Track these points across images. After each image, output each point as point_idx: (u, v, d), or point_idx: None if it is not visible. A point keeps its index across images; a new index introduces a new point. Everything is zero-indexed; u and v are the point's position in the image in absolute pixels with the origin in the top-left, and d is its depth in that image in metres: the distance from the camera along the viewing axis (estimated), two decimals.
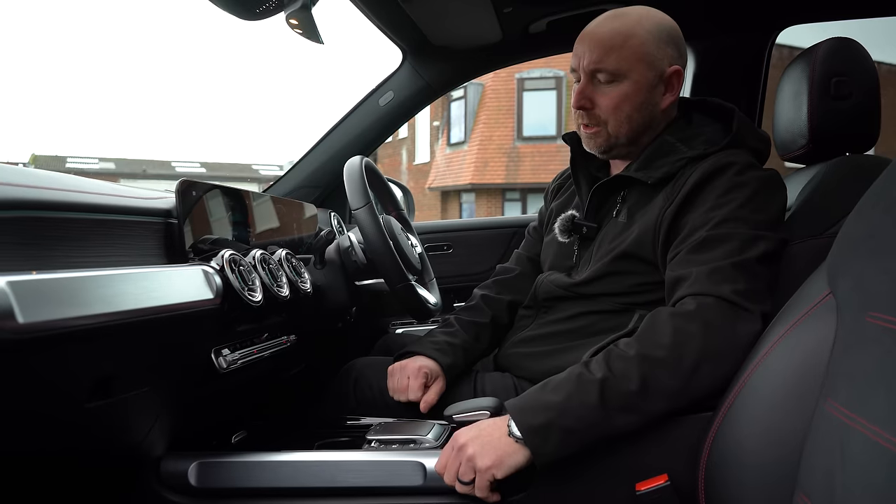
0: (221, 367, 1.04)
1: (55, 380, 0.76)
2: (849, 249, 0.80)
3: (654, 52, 1.19)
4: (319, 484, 1.04)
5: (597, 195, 1.29)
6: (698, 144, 1.21)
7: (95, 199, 0.89)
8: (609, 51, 1.18)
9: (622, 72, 1.18)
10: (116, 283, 0.79)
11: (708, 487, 0.92)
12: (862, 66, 1.26)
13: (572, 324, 1.28)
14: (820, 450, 0.73)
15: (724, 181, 1.11)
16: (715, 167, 1.13)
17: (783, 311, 0.92)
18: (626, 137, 1.23)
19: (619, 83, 1.19)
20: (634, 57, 1.18)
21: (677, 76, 1.22)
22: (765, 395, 0.87)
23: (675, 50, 1.22)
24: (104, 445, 0.96)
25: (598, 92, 1.21)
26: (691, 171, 1.15)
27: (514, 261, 1.56)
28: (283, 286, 1.17)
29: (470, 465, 0.97)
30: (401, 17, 1.60)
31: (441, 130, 18.14)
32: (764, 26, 1.72)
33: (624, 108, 1.20)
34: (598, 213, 1.30)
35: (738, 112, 1.23)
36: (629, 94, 1.19)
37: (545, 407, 0.97)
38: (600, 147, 1.26)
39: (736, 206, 1.09)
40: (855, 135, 1.27)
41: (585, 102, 1.22)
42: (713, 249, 1.06)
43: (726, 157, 1.14)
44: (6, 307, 0.62)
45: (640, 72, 1.19)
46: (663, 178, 1.19)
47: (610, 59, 1.18)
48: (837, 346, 0.77)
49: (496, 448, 0.97)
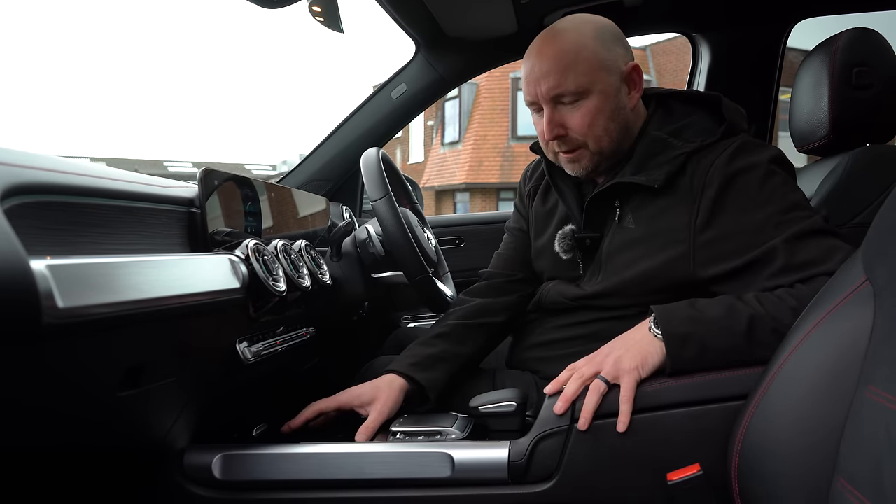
0: (246, 359, 1.03)
1: (92, 366, 0.75)
2: (886, 236, 0.80)
3: (608, 57, 1.15)
4: (346, 476, 1.03)
5: (592, 207, 1.22)
6: (692, 136, 1.16)
7: (123, 186, 0.87)
8: (564, 72, 1.13)
9: (585, 87, 1.13)
10: (148, 270, 0.78)
11: (741, 477, 0.92)
12: (883, 56, 1.26)
13: (584, 329, 1.24)
14: (862, 436, 0.73)
15: (755, 170, 1.09)
16: (734, 155, 1.10)
17: (817, 300, 0.92)
18: (609, 150, 1.18)
19: (585, 99, 1.14)
20: (592, 67, 1.13)
21: (636, 71, 1.18)
22: (800, 384, 0.87)
23: (622, 47, 1.18)
24: (130, 438, 0.95)
25: (566, 115, 1.16)
26: (707, 167, 1.11)
27: (500, 266, 1.46)
28: (304, 277, 1.16)
29: (616, 367, 1.01)
30: (418, 7, 1.59)
31: (435, 130, 18.16)
32: (779, 18, 1.72)
33: (599, 122, 1.15)
34: (594, 221, 1.23)
35: (724, 98, 1.19)
36: (599, 105, 1.14)
37: (692, 319, 1.02)
38: (586, 169, 1.20)
39: (780, 193, 1.07)
40: (876, 124, 1.27)
41: (558, 130, 1.16)
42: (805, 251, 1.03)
43: (737, 144, 1.11)
44: (47, 291, 0.61)
45: (602, 81, 1.14)
46: (667, 178, 1.13)
47: (569, 80, 1.13)
48: (876, 332, 0.76)
49: (641, 348, 1.02)
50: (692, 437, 0.98)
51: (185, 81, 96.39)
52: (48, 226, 0.73)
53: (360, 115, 1.92)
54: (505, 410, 1.08)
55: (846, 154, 1.28)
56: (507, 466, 1.01)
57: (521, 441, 1.02)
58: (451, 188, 17.20)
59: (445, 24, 1.72)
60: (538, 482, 1.00)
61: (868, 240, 0.84)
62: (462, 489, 1.01)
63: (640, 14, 1.70)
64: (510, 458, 1.01)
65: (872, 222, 0.83)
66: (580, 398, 1.01)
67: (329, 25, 1.28)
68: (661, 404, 0.99)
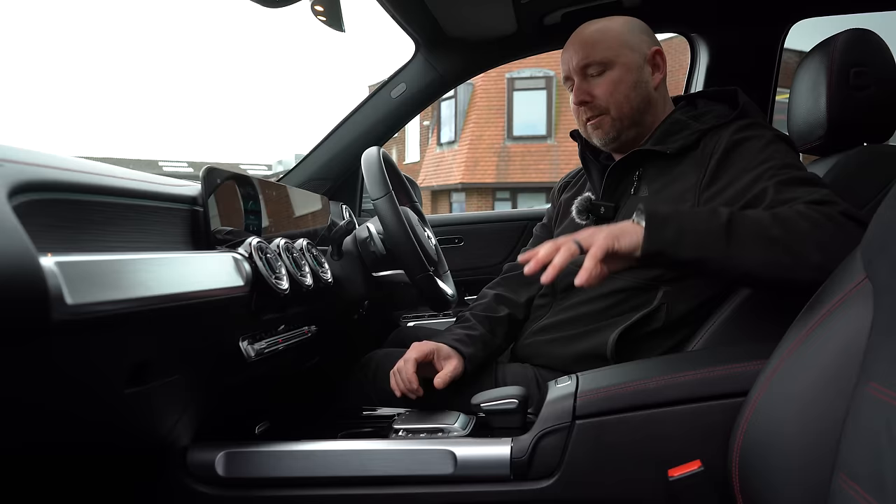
0: (249, 356, 1.04)
1: (99, 363, 0.75)
2: (886, 233, 0.80)
3: (632, 38, 1.30)
4: (349, 473, 1.03)
5: (612, 175, 1.32)
6: (709, 119, 1.27)
7: (128, 184, 0.88)
8: (593, 46, 1.30)
9: (609, 59, 1.28)
10: (154, 267, 0.78)
11: (742, 472, 0.92)
12: (880, 57, 1.27)
13: (593, 306, 1.28)
14: (863, 432, 0.74)
15: (759, 139, 1.19)
16: (742, 128, 1.20)
17: (816, 297, 0.92)
18: (629, 118, 1.30)
19: (609, 71, 1.29)
20: (616, 44, 1.29)
21: (660, 55, 1.33)
22: (800, 381, 0.87)
23: (649, 37, 1.33)
24: (135, 435, 0.95)
25: (592, 84, 1.30)
26: (717, 139, 1.21)
27: None
28: (306, 275, 1.17)
29: (591, 237, 1.01)
30: (418, 7, 1.59)
31: (431, 130, 18.14)
32: (777, 19, 1.73)
33: (620, 90, 1.29)
34: (614, 193, 1.33)
35: (741, 91, 1.31)
36: (622, 76, 1.29)
37: (675, 211, 1.05)
38: (608, 134, 1.32)
39: (782, 155, 1.15)
40: (873, 125, 1.28)
41: (585, 96, 1.30)
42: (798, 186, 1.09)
43: (749, 122, 1.23)
44: (56, 288, 0.61)
45: (625, 56, 1.29)
46: (681, 148, 1.24)
47: (596, 52, 1.29)
48: (876, 329, 0.77)
49: (620, 227, 1.03)
50: (693, 433, 0.99)
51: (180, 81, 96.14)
52: (55, 223, 0.73)
53: (359, 114, 1.93)
54: (507, 408, 1.09)
55: (844, 154, 1.29)
56: (509, 463, 1.01)
57: (523, 438, 1.03)
58: (447, 188, 17.19)
59: (445, 24, 1.72)
60: (540, 479, 1.01)
61: (867, 238, 0.84)
62: (464, 486, 1.02)
63: (638, 14, 1.70)
64: (512, 455, 1.02)
65: (871, 221, 0.84)
66: (579, 396, 1.02)
67: (331, 24, 1.28)
68: (662, 401, 1.00)
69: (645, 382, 1.01)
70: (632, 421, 1.00)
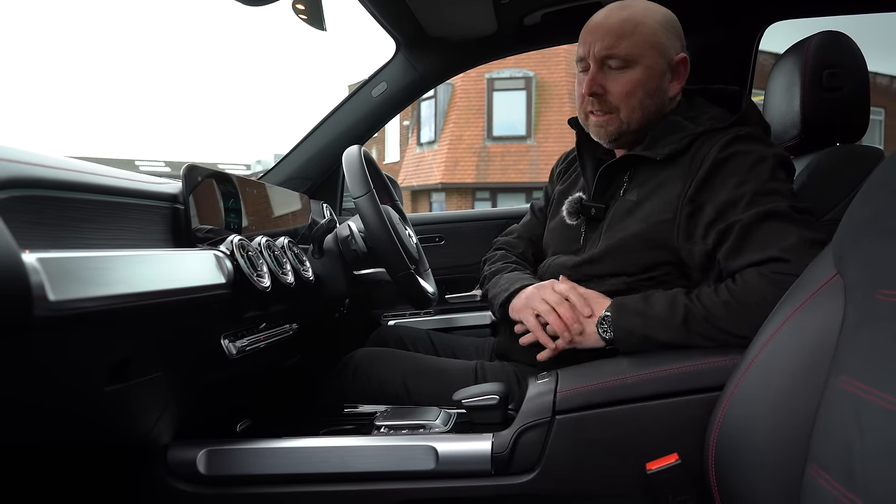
0: (230, 353, 1.04)
1: (80, 361, 0.75)
2: (856, 231, 0.82)
3: (663, 41, 1.22)
4: (331, 469, 1.04)
5: (603, 177, 1.29)
6: (705, 121, 1.22)
7: (109, 182, 0.87)
8: (621, 37, 1.20)
9: (634, 58, 1.20)
10: (137, 265, 0.78)
11: (718, 465, 0.94)
12: (852, 59, 1.30)
13: None
14: (834, 424, 0.75)
15: (745, 157, 1.13)
16: (733, 141, 1.15)
17: (789, 293, 0.94)
18: (637, 124, 1.24)
19: (630, 69, 1.21)
20: (646, 43, 1.20)
21: (684, 63, 1.25)
22: (773, 375, 0.89)
23: (679, 41, 1.26)
24: (116, 433, 0.95)
25: (609, 78, 1.22)
26: (708, 148, 1.16)
27: (515, 236, 1.57)
28: (287, 273, 1.17)
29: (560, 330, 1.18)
30: (399, 6, 1.60)
31: (411, 130, 18.12)
32: (752, 21, 1.76)
33: (637, 94, 1.22)
34: (604, 194, 1.30)
35: (746, 93, 1.25)
36: (642, 79, 1.21)
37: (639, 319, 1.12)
38: (611, 135, 1.26)
39: (765, 179, 1.11)
40: (846, 125, 1.31)
41: (598, 88, 1.23)
42: (770, 231, 1.07)
43: (743, 132, 1.16)
44: (38, 284, 0.61)
45: (651, 58, 1.21)
46: (671, 154, 1.19)
47: (622, 46, 1.20)
48: (847, 324, 0.79)
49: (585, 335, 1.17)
50: (671, 427, 1.00)
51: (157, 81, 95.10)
52: (35, 220, 0.73)
53: (339, 113, 1.92)
54: (488, 403, 1.10)
55: (817, 153, 1.32)
56: (490, 458, 1.03)
57: (503, 433, 1.04)
58: (426, 188, 17.18)
59: (426, 24, 1.73)
60: (521, 473, 1.02)
61: (838, 235, 0.86)
62: (446, 481, 1.03)
63: None
64: (493, 450, 1.03)
65: (842, 218, 0.86)
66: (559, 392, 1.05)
67: (312, 23, 1.28)
68: (640, 396, 1.02)
69: (623, 378, 1.03)
70: (610, 416, 1.01)
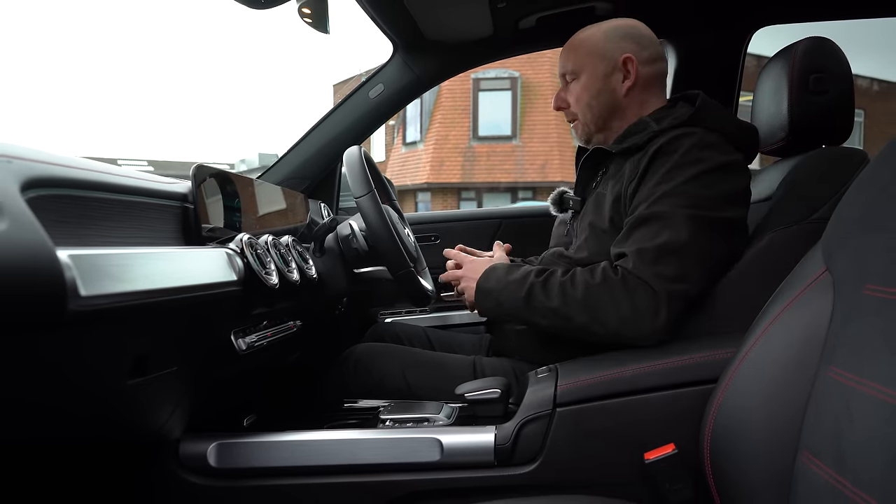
0: (240, 349, 1.06)
1: (106, 355, 0.77)
2: (845, 228, 0.86)
3: (605, 45, 1.35)
4: (339, 461, 1.06)
5: (583, 171, 1.42)
6: (667, 121, 1.30)
7: (126, 182, 0.90)
8: (569, 54, 1.40)
9: (578, 69, 1.38)
10: (157, 262, 0.81)
11: (713, 454, 0.98)
12: (837, 64, 1.34)
13: None
14: (825, 413, 0.79)
15: (677, 156, 1.20)
16: (671, 140, 1.23)
17: (780, 290, 0.98)
18: (595, 124, 1.39)
19: (578, 80, 1.39)
20: (588, 54, 1.37)
21: (630, 62, 1.34)
22: (766, 368, 0.93)
23: (632, 43, 1.35)
24: (132, 428, 0.97)
25: (568, 92, 1.41)
26: (654, 145, 1.24)
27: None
28: (293, 271, 1.19)
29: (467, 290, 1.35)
30: (398, 9, 1.63)
31: (396, 130, 18.09)
32: (740, 26, 1.80)
33: (583, 99, 1.38)
34: (586, 187, 1.44)
35: (703, 95, 1.33)
36: (586, 85, 1.37)
37: (498, 280, 1.27)
38: (581, 137, 1.44)
39: (681, 181, 1.17)
40: (831, 128, 1.35)
41: (561, 103, 1.43)
42: (646, 229, 1.16)
43: (684, 132, 1.23)
44: (71, 280, 0.63)
45: (592, 65, 1.36)
46: (629, 148, 1.29)
47: (569, 61, 1.39)
48: (836, 317, 0.83)
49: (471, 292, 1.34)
50: (667, 418, 1.04)
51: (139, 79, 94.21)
52: (60, 218, 0.75)
53: (337, 114, 1.95)
54: (490, 397, 1.13)
55: (804, 155, 1.36)
56: (493, 450, 1.06)
57: (506, 425, 1.07)
58: (412, 188, 17.17)
59: (424, 27, 1.76)
60: (523, 464, 1.06)
61: (827, 233, 0.90)
62: (451, 472, 1.06)
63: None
64: (496, 442, 1.06)
65: (831, 217, 0.90)
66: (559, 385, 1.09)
67: (316, 26, 1.31)
68: (638, 388, 1.06)
69: (622, 371, 1.07)
70: (610, 407, 1.05)
